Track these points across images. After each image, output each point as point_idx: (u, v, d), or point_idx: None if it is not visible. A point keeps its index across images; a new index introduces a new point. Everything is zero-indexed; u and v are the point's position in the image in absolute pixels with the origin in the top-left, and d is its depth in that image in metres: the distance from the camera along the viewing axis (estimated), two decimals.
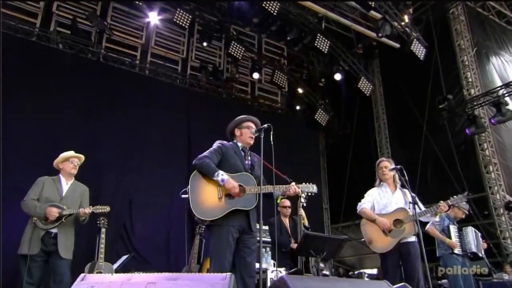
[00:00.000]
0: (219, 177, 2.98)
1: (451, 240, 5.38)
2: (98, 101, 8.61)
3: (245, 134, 3.35)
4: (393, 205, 4.19)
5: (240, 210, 3.01)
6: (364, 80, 10.21)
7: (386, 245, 4.01)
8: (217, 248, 2.93)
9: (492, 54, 10.48)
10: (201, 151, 10.74)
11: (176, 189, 8.91)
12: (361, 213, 4.31)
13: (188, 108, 9.90)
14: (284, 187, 3.23)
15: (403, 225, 4.05)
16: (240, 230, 3.04)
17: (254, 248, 3.06)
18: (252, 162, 3.33)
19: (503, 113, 8.37)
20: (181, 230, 8.78)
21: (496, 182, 8.78)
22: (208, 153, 3.16)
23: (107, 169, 8.16)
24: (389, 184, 4.36)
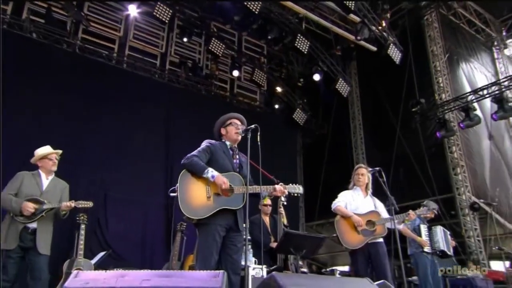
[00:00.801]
0: (209, 174, 3.02)
1: (421, 239, 5.63)
2: (73, 94, 8.35)
3: (230, 131, 3.38)
4: (363, 208, 4.45)
5: (227, 209, 3.06)
6: (342, 81, 10.43)
7: (357, 242, 4.24)
8: (204, 246, 2.96)
9: (462, 60, 10.95)
10: (179, 147, 10.69)
11: (153, 185, 8.96)
12: (336, 210, 4.49)
13: (167, 104, 9.82)
14: (271, 188, 3.30)
15: (375, 226, 4.29)
16: (227, 229, 3.08)
17: (240, 246, 3.12)
18: (240, 161, 3.38)
19: (471, 118, 8.78)
20: (158, 226, 8.78)
21: (463, 184, 9.20)
22: (197, 152, 3.18)
23: (81, 164, 7.97)
24: (362, 189, 4.59)
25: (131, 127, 8.91)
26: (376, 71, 11.16)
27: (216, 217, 3.00)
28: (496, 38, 12.17)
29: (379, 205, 4.47)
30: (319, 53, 10.54)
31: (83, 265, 4.66)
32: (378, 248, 4.21)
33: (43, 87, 7.98)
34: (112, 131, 8.63)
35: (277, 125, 11.60)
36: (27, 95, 7.70)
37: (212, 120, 11.58)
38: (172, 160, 9.35)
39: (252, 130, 3.17)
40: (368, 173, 4.55)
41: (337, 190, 11.24)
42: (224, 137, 3.43)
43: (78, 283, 1.71)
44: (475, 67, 11.17)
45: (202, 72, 11.18)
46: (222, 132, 3.43)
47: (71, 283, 1.72)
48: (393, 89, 10.55)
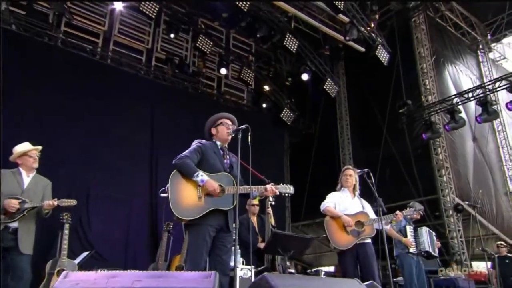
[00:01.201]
0: (198, 177, 3.03)
1: (406, 239, 5.75)
2: (54, 88, 8.16)
3: (221, 131, 3.39)
4: (351, 209, 4.52)
5: (218, 209, 3.08)
6: (330, 82, 10.54)
7: (346, 242, 4.31)
8: (195, 246, 2.97)
9: (449, 62, 11.20)
10: (164, 145, 10.65)
11: (137, 184, 8.90)
12: (325, 211, 4.55)
13: (152, 101, 9.73)
14: (262, 188, 3.33)
15: (363, 227, 4.38)
16: (218, 229, 3.10)
17: (230, 246, 3.14)
18: (230, 161, 3.39)
19: (456, 120, 9.00)
20: (142, 226, 8.72)
21: (447, 185, 9.42)
22: (188, 153, 3.18)
23: (63, 161, 7.84)
24: (349, 190, 4.67)
25: (114, 124, 8.81)
26: (364, 72, 11.31)
27: (207, 218, 3.02)
28: (481, 42, 12.49)
29: (367, 206, 4.55)
30: (308, 53, 10.62)
31: (66, 265, 4.59)
32: (367, 249, 4.29)
33: (23, 81, 7.75)
34: (94, 127, 8.52)
35: (265, 124, 11.63)
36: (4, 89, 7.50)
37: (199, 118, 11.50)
38: (156, 158, 9.30)
39: (243, 130, 3.17)
40: (355, 174, 4.62)
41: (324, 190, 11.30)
42: (215, 137, 3.43)
43: (68, 284, 1.70)
44: (460, 70, 11.43)
45: (189, 69, 11.12)
46: (213, 131, 3.43)
47: (61, 284, 1.71)
48: (381, 90, 10.72)
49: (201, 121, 10.71)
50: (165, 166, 8.97)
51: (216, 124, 3.44)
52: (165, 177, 9.12)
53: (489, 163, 11.05)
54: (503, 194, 11.16)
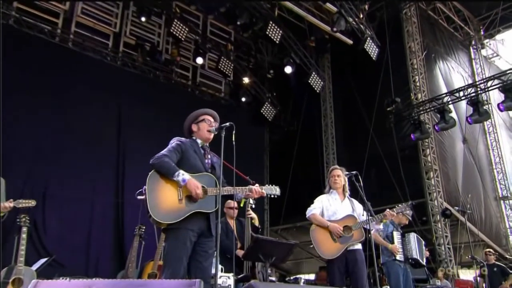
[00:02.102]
0: (179, 177, 3.01)
1: (393, 245, 5.91)
2: (7, 74, 7.72)
3: (203, 128, 3.38)
4: (341, 212, 4.56)
5: (200, 212, 3.09)
6: (315, 76, 10.65)
7: (335, 251, 4.36)
8: (174, 252, 2.97)
9: (440, 59, 11.52)
10: (132, 139, 10.54)
11: (100, 182, 8.79)
12: (311, 218, 4.60)
13: (119, 91, 9.63)
14: (247, 189, 3.35)
15: (351, 231, 4.43)
16: (199, 234, 3.11)
17: (212, 252, 3.14)
18: (212, 161, 3.41)
19: (446, 120, 9.27)
20: (106, 229, 8.63)
21: (436, 189, 9.70)
22: (167, 151, 3.16)
23: (16, 156, 7.60)
24: (338, 192, 4.72)
25: (76, 115, 8.65)
26: (351, 66, 11.51)
27: (187, 221, 3.02)
28: (474, 37, 12.92)
29: (358, 208, 4.59)
30: (292, 44, 10.70)
31: (24, 273, 4.48)
32: (357, 256, 4.35)
33: None
34: (52, 119, 8.33)
35: (243, 120, 11.70)
36: None
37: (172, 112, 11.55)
38: (124, 154, 9.22)
39: (226, 128, 3.20)
40: (344, 175, 4.69)
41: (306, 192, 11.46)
42: (195, 135, 3.42)
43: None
44: (452, 67, 11.79)
45: (162, 57, 11.03)
46: (193, 128, 3.42)
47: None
48: (368, 87, 10.93)
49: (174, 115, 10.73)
50: (134, 163, 9.02)
51: (198, 120, 3.42)
52: (133, 175, 9.09)
53: (479, 166, 11.44)
54: (493, 199, 11.60)
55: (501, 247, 10.62)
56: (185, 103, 10.42)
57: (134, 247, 5.48)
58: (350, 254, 4.37)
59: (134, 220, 6.51)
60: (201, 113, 3.47)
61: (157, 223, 3.01)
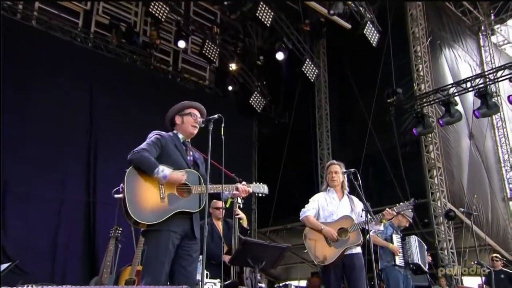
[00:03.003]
0: (159, 174, 3.02)
1: (394, 245, 5.98)
2: None
3: (187, 122, 3.37)
4: (339, 213, 4.55)
5: (183, 213, 3.09)
6: (309, 63, 10.66)
7: (330, 256, 4.35)
8: (154, 256, 2.97)
9: (446, 46, 11.57)
10: (106, 131, 10.46)
11: (69, 179, 8.70)
12: (305, 221, 4.60)
13: (91, 76, 9.57)
14: (233, 187, 3.35)
15: (348, 234, 4.41)
16: (182, 236, 3.11)
17: (196, 256, 3.15)
18: (194, 158, 3.41)
19: (451, 113, 9.31)
20: (75, 231, 8.55)
21: (439, 188, 9.78)
22: (147, 146, 3.14)
23: None
24: (337, 190, 4.70)
25: (41, 103, 8.55)
26: (349, 54, 11.51)
27: (169, 222, 3.01)
28: (483, 22, 12.98)
29: (358, 206, 4.57)
30: (284, 27, 10.67)
31: None
32: (355, 261, 4.34)
33: None
34: (13, 107, 8.12)
35: (229, 111, 11.58)
36: None
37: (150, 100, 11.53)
38: (96, 147, 9.16)
39: (214, 120, 3.19)
40: (342, 171, 4.70)
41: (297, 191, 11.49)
42: (177, 128, 3.42)
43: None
44: (459, 55, 11.84)
45: (139, 39, 10.95)
46: (177, 120, 3.41)
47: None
48: (367, 76, 10.96)
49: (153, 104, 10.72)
50: (107, 157, 8.96)
51: (183, 113, 3.41)
52: (107, 170, 9.04)
53: (487, 163, 11.55)
54: (500, 200, 11.73)
55: (508, 252, 10.75)
56: (165, 92, 10.40)
57: (109, 251, 5.41)
58: (347, 258, 4.38)
59: (108, 221, 6.48)
60: (187, 105, 3.46)
61: (136, 224, 2.99)
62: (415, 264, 5.96)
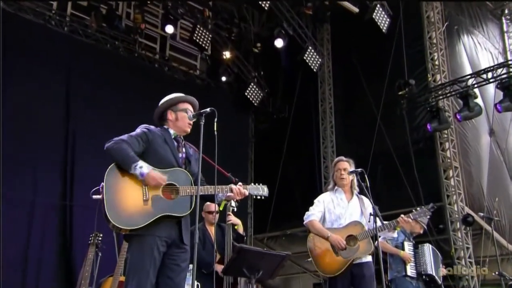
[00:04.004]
0: (137, 169, 3.02)
1: (405, 252, 6.01)
2: None
3: (182, 119, 3.39)
4: (347, 216, 4.55)
5: (170, 216, 3.08)
6: (312, 51, 10.64)
7: (337, 266, 4.34)
8: (138, 265, 2.97)
9: (464, 32, 11.53)
10: (85, 126, 10.48)
11: (42, 179, 8.65)
12: (309, 226, 4.60)
13: (68, 64, 9.52)
14: (228, 188, 3.35)
15: (357, 242, 4.40)
16: (169, 243, 3.11)
17: (185, 266, 3.16)
18: (187, 154, 3.40)
19: (470, 107, 9.27)
20: (49, 237, 8.53)
21: (455, 190, 9.76)
22: (127, 137, 3.15)
23: None
24: (345, 190, 4.70)
25: (10, 94, 8.41)
26: (356, 41, 11.46)
27: (154, 227, 3.02)
28: (507, 5, 12.91)
29: (368, 208, 4.52)
30: (284, 11, 10.63)
31: None
32: (364, 270, 4.35)
33: None
34: None
35: (223, 103, 11.62)
36: None
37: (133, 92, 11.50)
38: (73, 144, 9.13)
39: (207, 115, 3.20)
40: (352, 167, 4.66)
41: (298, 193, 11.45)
42: (169, 124, 3.44)
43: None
44: (479, 42, 11.80)
45: (122, 23, 10.91)
46: (169, 116, 3.43)
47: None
48: (376, 65, 10.94)
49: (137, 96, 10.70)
50: (86, 155, 8.93)
51: (177, 109, 3.44)
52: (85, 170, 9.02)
53: (509, 163, 11.54)
54: None
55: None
56: (151, 83, 10.37)
57: (88, 260, 5.41)
58: (356, 268, 4.37)
59: (87, 226, 6.46)
60: (182, 99, 3.49)
61: (117, 229, 2.99)
62: (429, 275, 5.99)
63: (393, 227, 4.51)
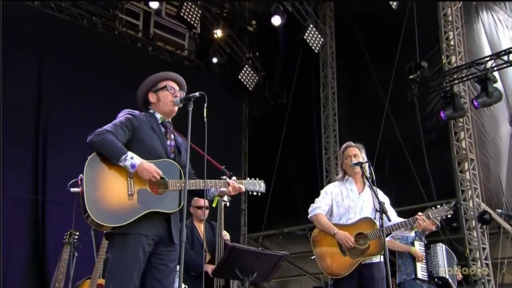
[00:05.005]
0: (127, 161, 3.01)
1: (416, 249, 6.02)
2: None
3: (164, 98, 3.38)
4: (357, 210, 4.51)
5: (158, 213, 3.08)
6: (313, 30, 10.60)
7: (344, 267, 4.32)
8: (120, 265, 2.97)
9: (483, 8, 11.47)
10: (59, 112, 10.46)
11: (10, 171, 8.60)
12: (314, 220, 4.56)
13: (40, 43, 9.47)
14: (221, 183, 3.34)
15: (368, 242, 4.36)
16: (156, 241, 3.11)
17: (173, 266, 3.16)
18: (176, 143, 3.39)
19: (489, 93, 9.25)
20: (17, 237, 8.52)
21: (471, 185, 9.78)
22: (112, 127, 3.12)
23: None
24: (356, 180, 4.67)
25: None
26: (362, 17, 11.43)
27: (140, 224, 3.01)
28: None
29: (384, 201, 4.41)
30: None
31: None
32: (374, 271, 4.30)
33: None
34: None
35: (214, 88, 11.64)
36: None
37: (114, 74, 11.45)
38: (46, 131, 9.11)
39: (196, 99, 3.20)
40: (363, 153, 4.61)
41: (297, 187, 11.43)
42: (153, 107, 3.43)
43: None
44: (500, 20, 11.74)
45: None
46: (151, 98, 3.42)
47: None
48: (384, 46, 10.92)
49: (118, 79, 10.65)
50: (61, 144, 8.90)
51: (157, 88, 3.42)
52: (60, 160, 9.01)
53: None
54: None
55: None
56: (133, 64, 10.31)
57: (62, 260, 5.40)
58: (365, 268, 4.34)
59: (62, 224, 6.45)
60: (162, 77, 3.48)
61: (98, 226, 2.98)
62: (442, 278, 6.01)
63: (411, 226, 4.47)
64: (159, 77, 3.46)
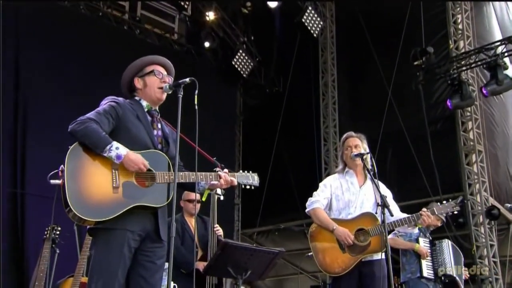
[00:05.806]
0: (112, 152, 2.98)
1: (420, 246, 6.04)
2: None
3: (151, 84, 3.37)
4: (357, 204, 4.53)
5: (144, 207, 3.07)
6: (311, 12, 10.57)
7: (343, 265, 4.33)
8: (104, 263, 2.96)
9: None
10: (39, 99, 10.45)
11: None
12: (312, 215, 4.57)
13: (17, 25, 9.36)
14: (213, 176, 3.34)
15: (369, 238, 4.37)
16: (142, 237, 3.11)
17: (161, 263, 3.16)
18: (163, 133, 3.37)
19: (499, 80, 9.23)
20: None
21: (479, 178, 9.83)
22: (95, 115, 3.08)
23: None
24: (357, 172, 4.68)
25: None
26: (364, 1, 11.41)
27: (125, 219, 3.00)
28: None
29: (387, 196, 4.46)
30: None
31: None
32: (374, 269, 4.32)
33: None
34: None
35: (206, 74, 11.67)
36: None
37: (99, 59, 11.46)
38: (24, 119, 9.07)
39: (186, 85, 3.19)
40: (364, 144, 4.62)
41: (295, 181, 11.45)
42: (139, 93, 3.42)
43: None
44: None
45: None
46: (137, 84, 3.41)
47: None
48: (388, 30, 10.94)
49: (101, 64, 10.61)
50: (40, 133, 8.87)
51: (143, 73, 3.41)
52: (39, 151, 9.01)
53: None
54: None
55: None
56: (119, 47, 10.30)
57: (43, 257, 5.39)
58: (365, 266, 4.36)
59: (43, 219, 6.43)
60: (148, 61, 3.47)
61: (80, 221, 2.97)
62: (448, 276, 6.03)
63: (414, 222, 4.46)
64: (146, 61, 3.45)
